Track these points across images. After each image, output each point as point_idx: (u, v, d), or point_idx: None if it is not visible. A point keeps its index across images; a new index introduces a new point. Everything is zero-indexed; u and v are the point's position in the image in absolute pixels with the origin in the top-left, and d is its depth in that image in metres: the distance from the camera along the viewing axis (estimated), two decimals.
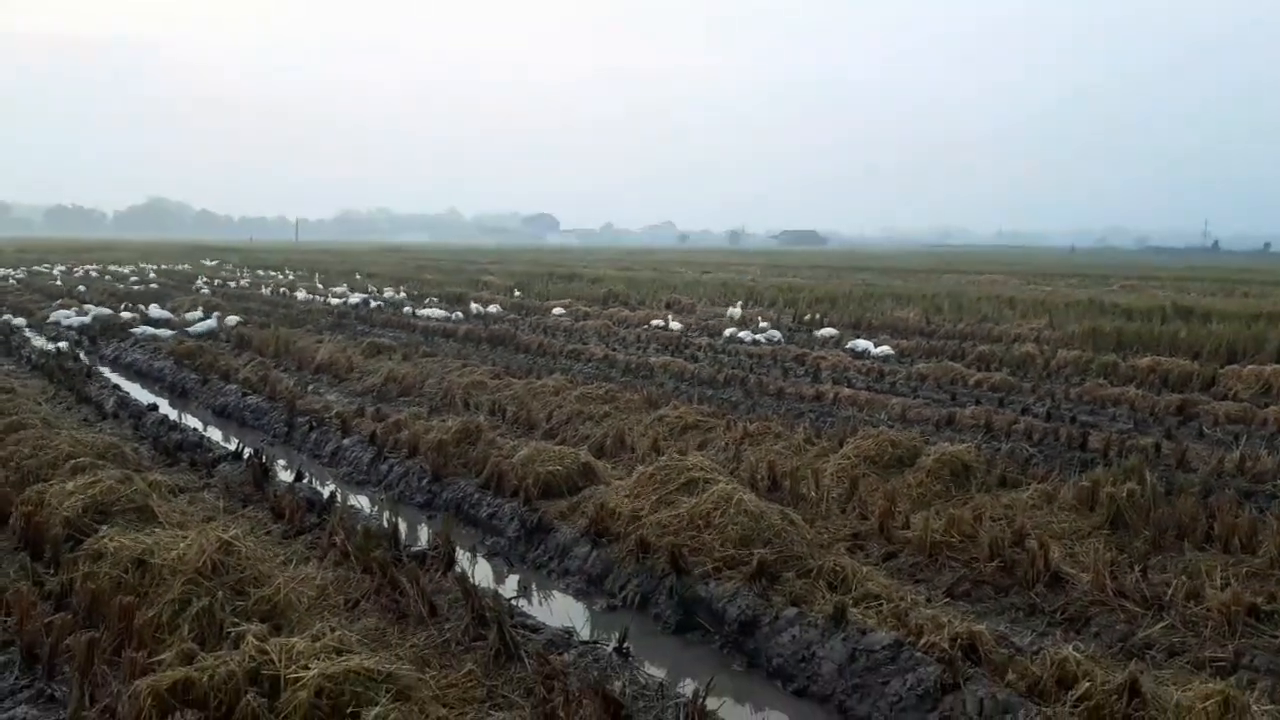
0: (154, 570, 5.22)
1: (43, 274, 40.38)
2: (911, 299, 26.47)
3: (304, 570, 5.88)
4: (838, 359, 15.83)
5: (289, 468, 9.52)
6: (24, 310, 23.96)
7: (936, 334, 20.08)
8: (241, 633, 4.55)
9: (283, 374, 14.55)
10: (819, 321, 21.79)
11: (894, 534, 7.01)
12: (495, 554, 7.37)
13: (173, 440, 9.82)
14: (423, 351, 16.02)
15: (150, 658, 4.41)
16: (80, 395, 12.14)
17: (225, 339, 18.56)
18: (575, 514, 7.48)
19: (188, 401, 13.76)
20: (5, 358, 16.04)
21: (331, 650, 4.39)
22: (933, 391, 13.44)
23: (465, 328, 20.59)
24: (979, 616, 5.74)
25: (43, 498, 6.67)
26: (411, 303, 26.94)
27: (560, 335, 20.02)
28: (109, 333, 19.70)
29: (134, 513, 6.47)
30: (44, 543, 6.15)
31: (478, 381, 12.90)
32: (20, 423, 9.15)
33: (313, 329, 20.09)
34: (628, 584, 6.41)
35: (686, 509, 6.56)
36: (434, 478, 8.77)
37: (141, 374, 15.99)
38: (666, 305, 26.36)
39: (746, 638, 5.62)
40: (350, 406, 11.69)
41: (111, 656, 4.58)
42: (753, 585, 5.87)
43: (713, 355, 17.00)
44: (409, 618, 5.41)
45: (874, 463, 8.34)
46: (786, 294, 28.55)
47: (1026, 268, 58.18)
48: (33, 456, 7.96)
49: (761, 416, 10.60)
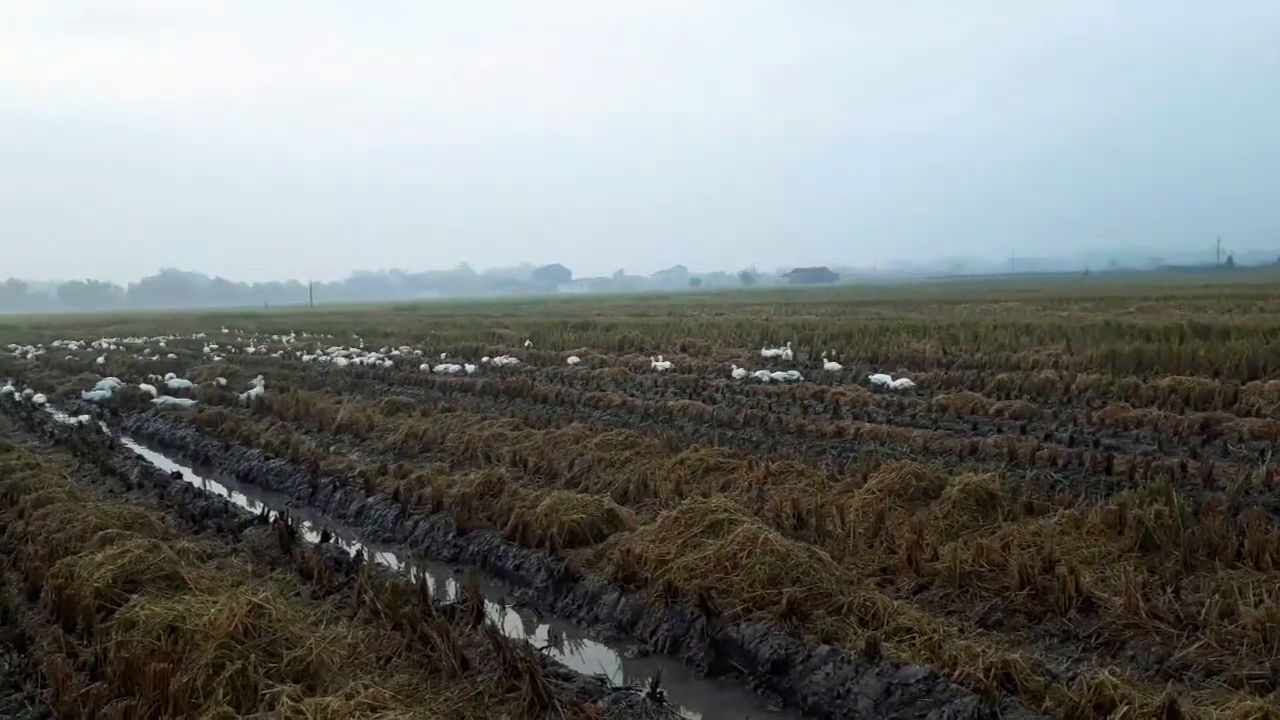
0: (186, 636, 5.25)
1: (60, 349, 40.84)
2: (927, 331, 26.46)
3: (335, 630, 5.92)
4: (857, 394, 15.81)
5: (315, 529, 9.55)
6: (44, 386, 24.27)
7: (954, 365, 20.04)
8: (276, 694, 4.57)
9: (304, 436, 14.66)
10: (833, 357, 21.79)
11: (923, 566, 6.98)
12: (524, 604, 7.37)
13: (198, 507, 9.91)
14: (442, 407, 16.11)
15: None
16: (105, 467, 12.28)
17: (245, 404, 18.71)
18: (602, 561, 7.49)
19: (211, 468, 13.87)
20: (29, 434, 16.25)
21: (366, 708, 4.41)
22: (953, 422, 13.41)
23: (483, 381, 20.69)
24: (1013, 645, 5.70)
25: (73, 570, 6.72)
26: (428, 359, 27.10)
27: (577, 384, 20.09)
28: (129, 404, 19.92)
29: (163, 580, 6.51)
30: (76, 614, 6.21)
31: (498, 434, 12.97)
32: (47, 497, 9.29)
33: (331, 390, 20.25)
34: (658, 629, 6.39)
35: (713, 551, 6.56)
36: (459, 531, 8.80)
37: (164, 443, 16.14)
38: (682, 348, 26.42)
39: (780, 677, 5.59)
40: (372, 465, 11.74)
41: None
42: (783, 624, 5.85)
43: (730, 396, 17.02)
44: (441, 672, 5.42)
45: (899, 496, 8.33)
46: (801, 332, 28.58)
47: (1041, 294, 58.13)
48: (61, 530, 8.04)
49: (783, 455, 10.60)
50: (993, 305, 45.36)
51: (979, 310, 40.88)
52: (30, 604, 6.82)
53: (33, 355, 37.66)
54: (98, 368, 29.29)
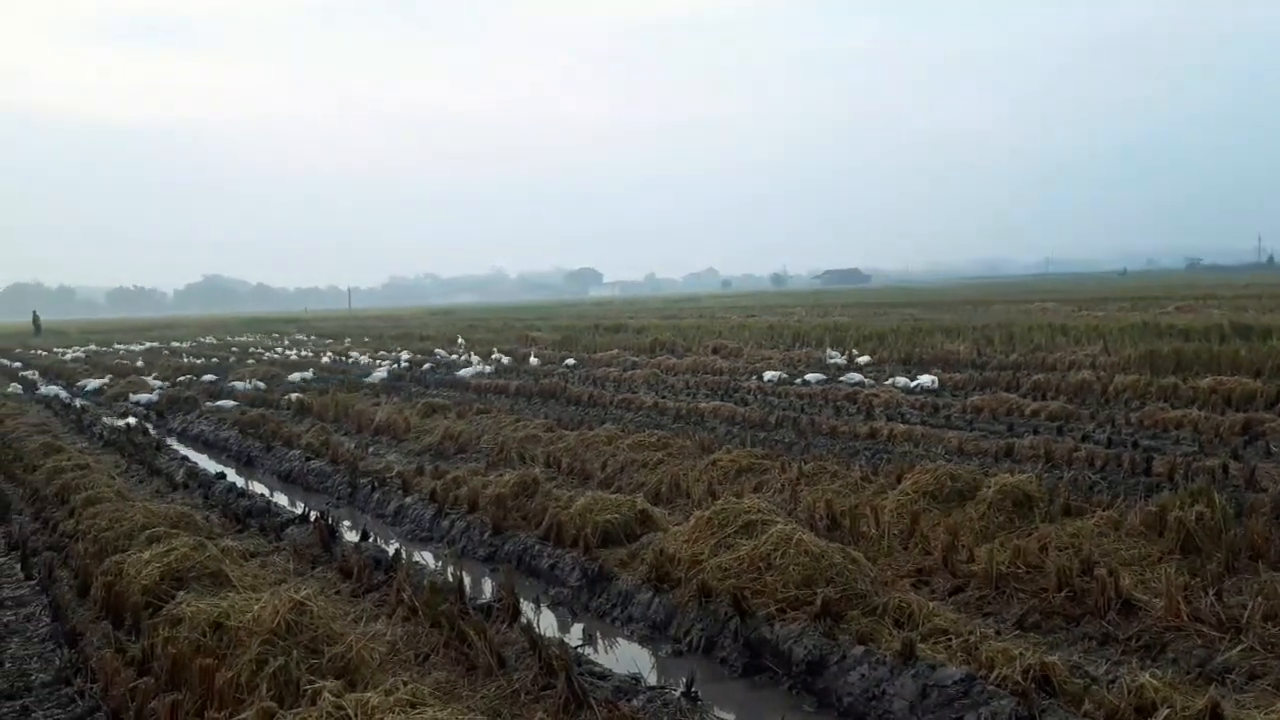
0: (231, 632, 5.34)
1: (107, 353, 41.61)
2: (961, 332, 26.27)
3: (374, 627, 6.00)
4: (890, 395, 15.75)
5: (354, 528, 9.69)
6: (94, 389, 24.69)
7: (989, 365, 19.89)
8: (318, 690, 4.63)
9: (343, 437, 14.85)
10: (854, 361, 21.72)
11: (958, 568, 6.95)
12: (559, 603, 7.42)
13: (241, 507, 10.08)
14: (476, 409, 16.22)
15: (231, 717, 4.53)
16: (151, 468, 12.51)
17: (285, 406, 18.96)
18: (635, 561, 7.52)
19: (253, 469, 14.07)
20: (79, 435, 16.56)
21: (405, 704, 4.47)
22: (989, 423, 13.33)
23: (516, 384, 20.80)
24: (1051, 647, 5.65)
25: (121, 567, 6.84)
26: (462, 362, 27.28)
27: (610, 386, 20.15)
28: (175, 407, 20.25)
29: (208, 578, 6.62)
30: (125, 610, 6.32)
31: (532, 435, 13.05)
32: (97, 497, 9.48)
33: (369, 392, 20.45)
34: (691, 628, 6.42)
35: (746, 551, 6.57)
36: (494, 531, 8.87)
37: (208, 445, 16.39)
38: (713, 350, 26.42)
39: (815, 678, 5.60)
40: (410, 466, 11.87)
41: (194, 718, 4.70)
42: (818, 625, 5.85)
43: (762, 398, 17.01)
44: (478, 669, 5.48)
45: (934, 497, 8.28)
46: (833, 333, 28.46)
47: (1077, 294, 57.46)
48: (110, 528, 8.20)
49: (816, 456, 10.59)
50: (1028, 306, 44.88)
51: (1014, 311, 40.47)
52: (80, 600, 6.95)
53: (82, 356, 38.51)
54: (143, 370, 29.74)
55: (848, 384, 17.56)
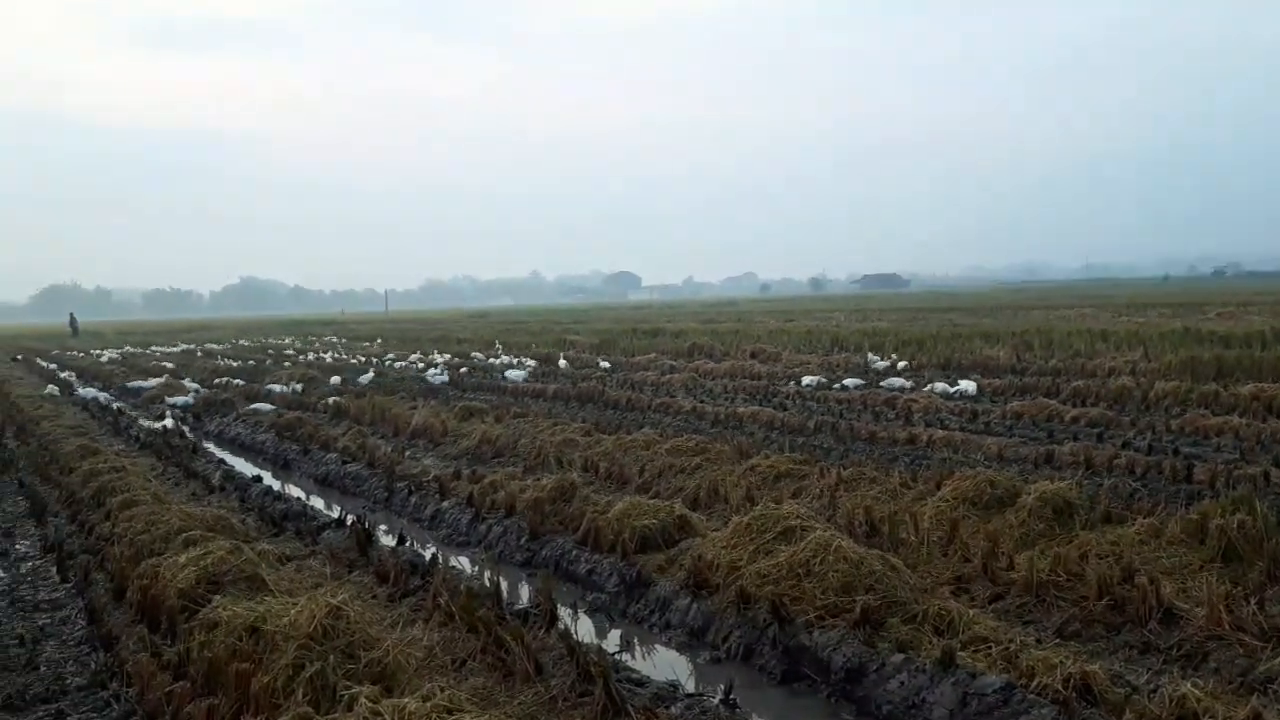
0: (267, 637, 5.34)
1: (144, 355, 42.18)
2: (1000, 337, 26.04)
3: (411, 632, 6.01)
4: (929, 401, 15.63)
5: (390, 532, 9.75)
6: (131, 391, 25.02)
7: (1028, 371, 19.73)
8: (354, 695, 4.64)
9: (380, 441, 14.94)
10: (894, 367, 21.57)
11: (998, 575, 6.88)
12: (596, 609, 7.42)
13: (278, 510, 10.15)
14: (514, 412, 16.26)
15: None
16: (188, 470, 12.59)
17: (322, 410, 19.11)
18: (673, 567, 7.51)
19: (290, 472, 14.20)
20: (115, 437, 16.72)
21: (443, 710, 4.47)
22: (1028, 429, 13.20)
23: (554, 387, 20.86)
24: (1091, 656, 5.58)
25: (157, 571, 6.84)
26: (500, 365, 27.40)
27: (647, 390, 20.14)
28: (212, 409, 20.47)
29: (245, 582, 6.62)
30: (161, 614, 6.33)
31: (569, 439, 13.05)
32: (133, 499, 9.49)
33: (406, 396, 20.53)
34: (730, 635, 6.39)
35: (785, 558, 6.54)
36: (532, 536, 8.89)
37: (244, 447, 16.56)
38: (752, 355, 26.34)
39: (854, 685, 5.56)
40: (447, 470, 11.91)
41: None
42: (857, 632, 5.81)
43: (801, 403, 16.93)
44: (515, 676, 5.48)
45: (973, 504, 8.20)
46: (872, 338, 28.30)
47: (1117, 300, 56.68)
48: (146, 531, 8.23)
49: (854, 462, 10.52)
50: (1068, 311, 44.37)
51: (1054, 316, 40.06)
52: (116, 604, 6.98)
53: (107, 358, 39.18)
54: (179, 372, 30.11)
55: (887, 389, 17.44)
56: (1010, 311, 47.14)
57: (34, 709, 5.44)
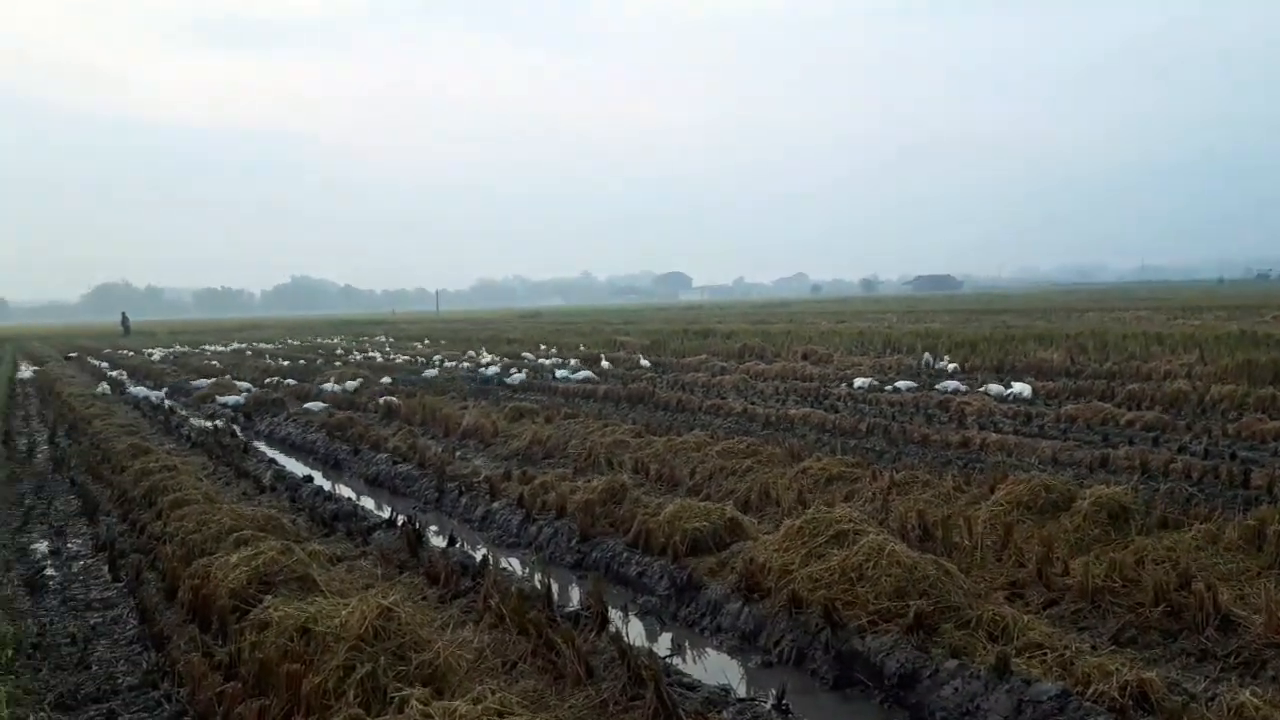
0: (318, 638, 5.32)
1: (194, 354, 42.81)
2: (1054, 339, 25.66)
3: (461, 634, 6.02)
4: (982, 403, 15.43)
5: (441, 533, 9.80)
6: (181, 390, 25.37)
7: (1083, 374, 19.45)
8: (405, 697, 4.65)
9: (430, 441, 15.04)
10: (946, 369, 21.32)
11: (1053, 581, 6.77)
12: (646, 612, 7.40)
13: (328, 510, 10.22)
14: (564, 413, 16.28)
15: None
16: (239, 470, 12.68)
17: (373, 410, 19.28)
18: (724, 570, 7.47)
19: (340, 472, 14.32)
20: (166, 436, 16.89)
21: (494, 713, 4.48)
22: (1083, 433, 13.01)
23: (604, 388, 20.88)
24: (1148, 663, 5.49)
25: (209, 570, 6.85)
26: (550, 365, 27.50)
27: (698, 391, 20.10)
28: (262, 409, 20.70)
29: (296, 582, 6.62)
30: (212, 614, 6.34)
31: (619, 440, 13.04)
32: (184, 499, 9.53)
33: (456, 396, 20.64)
34: (781, 639, 6.35)
35: (837, 562, 6.47)
36: (582, 538, 8.89)
37: (295, 447, 16.71)
38: (803, 356, 26.18)
39: (907, 691, 5.49)
40: (497, 470, 11.96)
41: None
42: (910, 638, 5.74)
43: (853, 405, 16.78)
44: (566, 678, 5.48)
45: (1027, 508, 8.08)
46: (925, 340, 27.98)
47: (1172, 302, 55.58)
48: (197, 531, 8.27)
49: (907, 465, 10.42)
50: (1122, 313, 43.63)
51: (1108, 318, 39.39)
52: (168, 603, 7.00)
53: (159, 356, 39.95)
54: (229, 371, 30.54)
55: (940, 392, 17.23)
56: (1064, 313, 46.43)
57: (85, 708, 5.47)
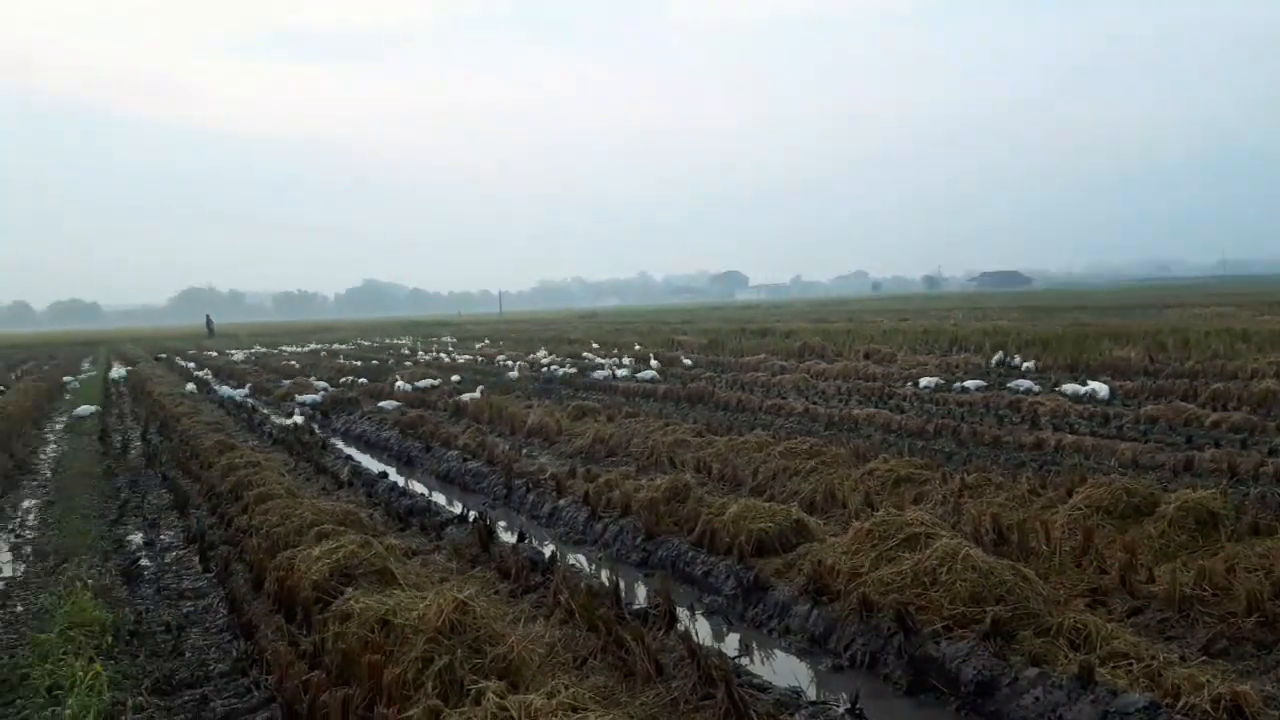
0: (397, 630, 5.47)
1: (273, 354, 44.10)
2: (1131, 337, 24.97)
3: (533, 628, 6.06)
4: (1056, 403, 15.08)
5: (509, 529, 9.87)
6: (262, 389, 26.06)
7: (1162, 373, 18.89)
8: (481, 690, 4.70)
9: (497, 439, 15.18)
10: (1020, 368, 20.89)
11: (1137, 588, 6.57)
12: (713, 612, 7.35)
13: (403, 506, 10.40)
14: (625, 412, 16.32)
15: (399, 714, 4.64)
16: (318, 466, 13.06)
17: (443, 408, 19.54)
18: (791, 571, 7.40)
19: (413, 468, 14.53)
20: (249, 434, 17.48)
21: (568, 708, 4.49)
22: (1164, 435, 12.62)
23: (664, 388, 20.87)
24: (1241, 675, 5.27)
25: (292, 563, 7.11)
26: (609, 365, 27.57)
27: (758, 391, 19.98)
28: (338, 407, 21.16)
29: (374, 575, 6.80)
30: (296, 605, 6.57)
31: (681, 440, 13.02)
32: (268, 493, 9.90)
33: (521, 395, 20.86)
34: (852, 643, 6.26)
35: (909, 565, 6.36)
36: (647, 536, 8.88)
37: (369, 444, 17.03)
38: (865, 355, 25.88)
39: (984, 699, 5.36)
40: (562, 468, 12.02)
41: (364, 713, 4.83)
42: (987, 644, 5.61)
43: (919, 405, 16.53)
44: (636, 676, 5.47)
45: (1108, 513, 7.84)
46: (993, 338, 27.45)
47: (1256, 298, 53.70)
48: (281, 524, 8.56)
49: (978, 467, 10.20)
50: (1203, 310, 42.21)
51: (1188, 315, 38.18)
52: (255, 594, 7.27)
53: (241, 357, 41.02)
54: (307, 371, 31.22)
55: (1011, 391, 16.88)
56: (1140, 310, 45.21)
57: (180, 693, 5.70)
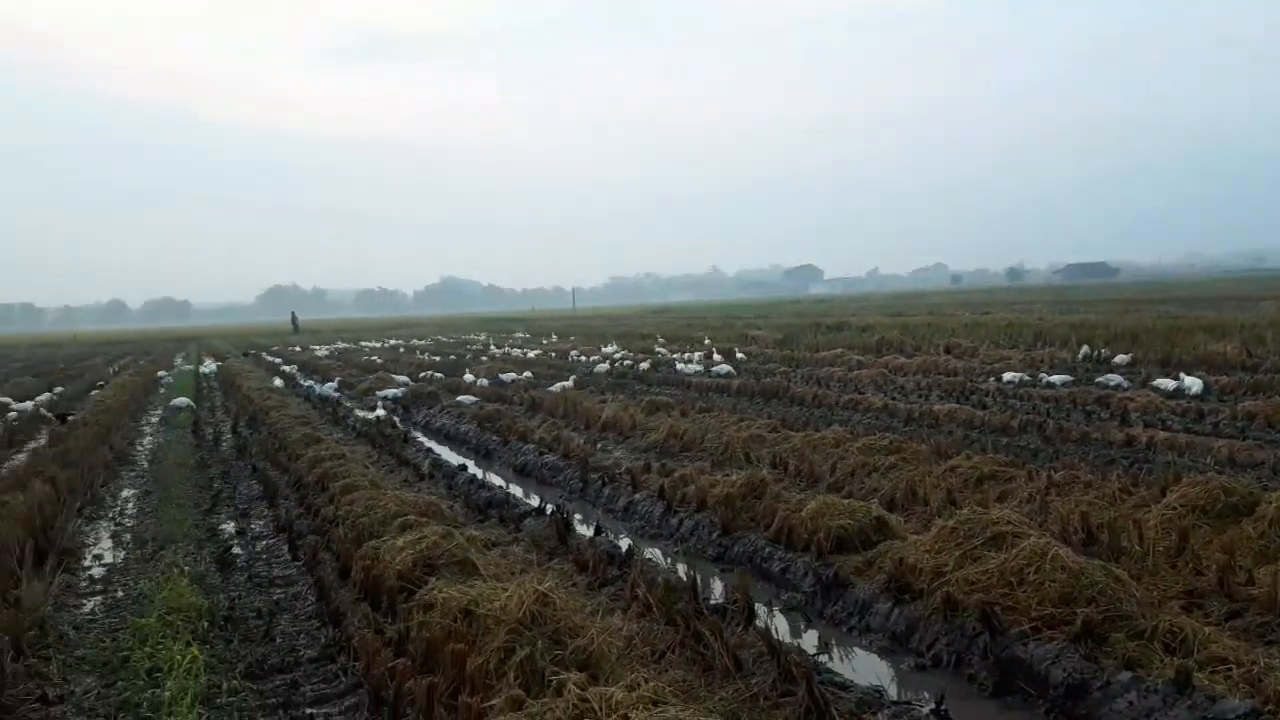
0: (479, 620, 5.54)
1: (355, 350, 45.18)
2: (1227, 330, 24.06)
3: (611, 621, 6.06)
4: (1147, 399, 14.61)
5: (586, 522, 9.91)
6: (345, 384, 26.64)
7: (1261, 368, 18.13)
8: (562, 681, 4.71)
9: (572, 433, 15.26)
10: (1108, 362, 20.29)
11: (1236, 591, 6.31)
12: (791, 608, 7.28)
13: (482, 498, 10.53)
14: (699, 407, 16.27)
15: (482, 703, 4.67)
16: (400, 458, 13.31)
17: (519, 402, 19.73)
18: (871, 569, 7.28)
19: (491, 461, 14.68)
20: (334, 427, 17.90)
21: (648, 701, 4.47)
22: (1264, 432, 12.14)
23: (738, 382, 20.75)
24: None
25: (377, 552, 7.27)
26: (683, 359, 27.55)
27: (834, 386, 19.75)
28: (418, 401, 21.51)
29: (456, 566, 6.90)
30: (381, 593, 6.69)
31: (756, 435, 12.93)
32: (352, 485, 10.10)
33: (595, 389, 20.94)
34: (935, 642, 6.13)
35: (995, 565, 6.20)
36: (723, 531, 8.83)
37: (449, 437, 17.29)
38: (945, 350, 25.42)
39: (1075, 703, 5.20)
40: (637, 463, 12.02)
41: (448, 700, 4.88)
42: (1077, 646, 5.45)
43: (1002, 400, 16.17)
44: (714, 671, 5.43)
45: (1204, 512, 7.55)
46: (1079, 332, 26.72)
47: None
48: (365, 515, 8.73)
49: (1066, 464, 9.93)
50: None
51: None
52: (341, 582, 7.43)
53: (324, 352, 42.11)
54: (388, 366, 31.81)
55: (1100, 387, 16.41)
56: (1235, 302, 43.57)
57: (271, 678, 5.87)
